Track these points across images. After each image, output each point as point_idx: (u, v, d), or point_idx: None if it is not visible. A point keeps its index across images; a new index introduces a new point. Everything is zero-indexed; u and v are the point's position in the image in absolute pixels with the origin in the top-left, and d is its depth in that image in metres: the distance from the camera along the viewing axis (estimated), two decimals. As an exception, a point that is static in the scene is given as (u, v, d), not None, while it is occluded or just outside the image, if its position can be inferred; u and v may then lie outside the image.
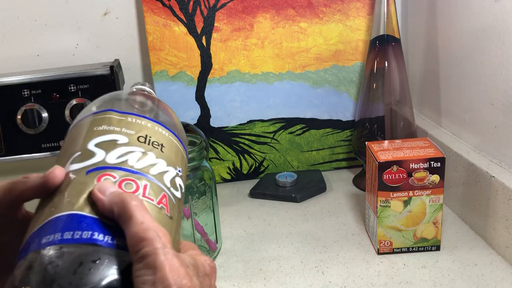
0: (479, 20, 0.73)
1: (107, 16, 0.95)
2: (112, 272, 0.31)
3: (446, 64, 0.84)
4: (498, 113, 0.70)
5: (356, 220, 0.80)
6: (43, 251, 0.31)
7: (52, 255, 0.30)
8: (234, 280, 0.66)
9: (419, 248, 0.69)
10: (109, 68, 0.86)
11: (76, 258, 0.30)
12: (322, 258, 0.70)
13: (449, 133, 0.85)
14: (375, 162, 0.67)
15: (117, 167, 0.36)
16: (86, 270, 0.30)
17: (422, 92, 0.95)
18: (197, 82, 0.92)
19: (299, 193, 0.87)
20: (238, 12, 0.90)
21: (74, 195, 0.34)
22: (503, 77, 0.68)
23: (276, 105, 0.94)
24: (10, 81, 0.84)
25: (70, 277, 0.30)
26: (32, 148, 0.87)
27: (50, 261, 0.30)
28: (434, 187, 0.66)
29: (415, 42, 0.96)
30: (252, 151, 0.96)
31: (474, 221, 0.73)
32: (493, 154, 0.72)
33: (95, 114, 0.40)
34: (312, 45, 0.92)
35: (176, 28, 0.90)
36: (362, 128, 0.90)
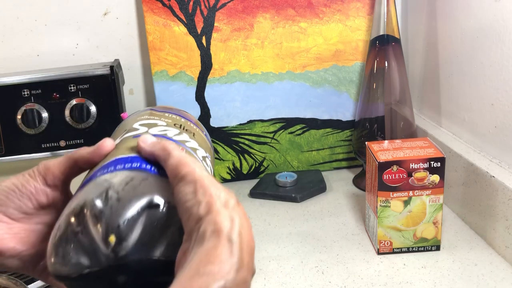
0: (479, 20, 0.73)
1: (107, 16, 0.95)
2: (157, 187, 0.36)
3: (446, 64, 0.84)
4: (498, 113, 0.70)
5: (356, 220, 0.80)
6: (100, 176, 0.37)
7: (107, 176, 0.37)
8: (234, 280, 0.66)
9: (419, 248, 0.69)
10: (109, 68, 0.86)
11: (128, 175, 0.37)
12: (322, 258, 0.70)
13: (449, 133, 0.85)
14: (375, 162, 0.67)
15: (159, 135, 0.43)
16: (136, 183, 0.36)
17: (422, 92, 0.95)
18: (197, 82, 0.92)
19: (299, 193, 0.87)
20: (238, 12, 0.90)
21: (123, 149, 0.41)
22: (503, 77, 0.68)
23: (276, 105, 0.94)
24: (10, 81, 0.84)
25: (123, 187, 0.35)
26: (32, 148, 0.87)
27: (105, 179, 0.37)
28: (434, 187, 0.66)
29: (415, 42, 0.96)
30: (252, 151, 0.96)
31: (474, 221, 0.73)
32: (493, 154, 0.72)
33: (138, 112, 0.49)
34: (312, 45, 0.92)
35: (176, 28, 0.90)
36: (362, 128, 0.90)
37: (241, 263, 0.32)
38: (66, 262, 0.34)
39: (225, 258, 0.31)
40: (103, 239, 0.34)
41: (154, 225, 0.35)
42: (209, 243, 0.32)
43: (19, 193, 0.41)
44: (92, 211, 0.35)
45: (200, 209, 0.34)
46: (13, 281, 0.57)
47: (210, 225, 0.33)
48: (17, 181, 0.42)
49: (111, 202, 0.35)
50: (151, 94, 1.00)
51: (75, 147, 0.88)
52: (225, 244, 0.32)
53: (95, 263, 0.34)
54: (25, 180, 0.42)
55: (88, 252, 0.34)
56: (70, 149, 0.88)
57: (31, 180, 0.42)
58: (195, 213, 0.34)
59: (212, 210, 0.33)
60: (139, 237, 0.34)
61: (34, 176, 0.42)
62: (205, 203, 0.34)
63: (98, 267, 0.34)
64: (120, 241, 0.34)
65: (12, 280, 0.57)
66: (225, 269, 0.31)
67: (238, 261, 0.32)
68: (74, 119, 0.86)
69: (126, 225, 0.34)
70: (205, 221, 0.33)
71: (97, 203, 0.35)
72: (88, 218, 0.34)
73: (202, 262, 0.31)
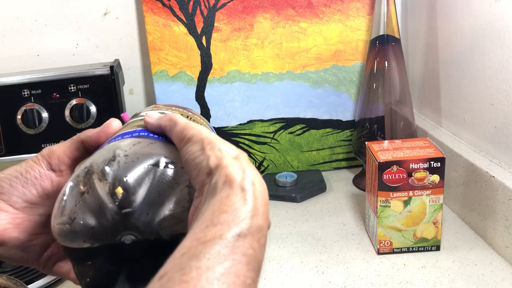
0: (479, 20, 0.73)
1: (107, 16, 0.95)
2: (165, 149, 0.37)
3: (446, 64, 0.84)
4: (498, 113, 0.70)
5: (356, 220, 0.80)
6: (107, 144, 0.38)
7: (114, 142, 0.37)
8: (234, 280, 0.66)
9: (419, 248, 0.69)
10: (109, 68, 0.86)
11: (135, 140, 0.37)
12: (322, 258, 0.70)
13: (449, 133, 0.85)
14: (375, 162, 0.67)
15: None
16: (144, 144, 0.36)
17: (422, 92, 0.95)
18: (197, 82, 0.92)
19: (299, 193, 0.87)
20: (238, 12, 0.90)
21: (130, 127, 0.41)
22: (503, 77, 0.68)
23: (276, 105, 0.94)
24: (10, 81, 0.84)
25: (131, 147, 0.36)
26: (32, 148, 0.87)
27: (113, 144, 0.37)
28: (434, 187, 0.66)
29: (415, 42, 0.96)
30: (252, 151, 0.96)
31: (474, 221, 0.73)
32: (493, 154, 0.72)
33: (143, 109, 0.49)
34: (312, 45, 0.92)
35: (176, 28, 0.90)
36: (362, 128, 0.90)
37: (255, 211, 0.32)
38: (72, 223, 0.34)
39: (239, 206, 0.31)
40: (110, 193, 0.33)
41: (161, 182, 0.35)
42: (221, 193, 0.32)
43: (23, 180, 0.40)
44: (98, 169, 0.34)
45: (210, 162, 0.33)
46: (13, 281, 0.57)
47: (222, 177, 0.32)
48: (20, 167, 0.41)
49: (119, 159, 0.35)
50: (151, 94, 1.00)
51: (75, 147, 0.88)
52: (238, 192, 0.32)
53: (101, 220, 0.33)
54: (29, 166, 0.41)
55: (93, 208, 0.33)
56: (70, 149, 0.88)
57: (35, 165, 0.41)
58: (205, 167, 0.33)
59: (222, 162, 0.33)
60: (147, 192, 0.34)
61: (38, 161, 0.41)
62: (215, 157, 0.33)
63: (105, 224, 0.33)
64: (127, 193, 0.33)
65: (12, 280, 0.57)
66: (239, 217, 0.30)
67: (252, 209, 0.31)
68: (74, 119, 0.86)
69: (133, 179, 0.34)
70: (216, 173, 0.33)
71: (103, 161, 0.35)
72: (94, 176, 0.34)
73: (215, 212, 0.31)
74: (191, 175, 0.35)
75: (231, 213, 0.30)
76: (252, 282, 0.29)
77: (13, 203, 0.40)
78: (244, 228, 0.30)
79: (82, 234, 0.34)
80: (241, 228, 0.30)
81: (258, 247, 0.31)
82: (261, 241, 0.31)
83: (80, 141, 0.42)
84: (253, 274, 0.29)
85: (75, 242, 0.34)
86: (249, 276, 0.29)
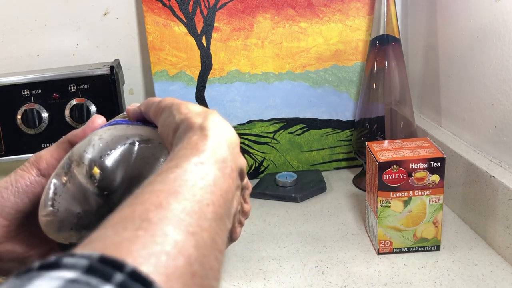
0: (479, 20, 0.73)
1: (107, 16, 0.95)
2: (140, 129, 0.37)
3: (446, 64, 0.84)
4: (498, 113, 0.70)
5: (356, 220, 0.80)
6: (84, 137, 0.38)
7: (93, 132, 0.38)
8: (234, 280, 0.66)
9: (419, 248, 0.69)
10: (109, 68, 0.86)
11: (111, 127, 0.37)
12: (322, 258, 0.70)
13: (449, 133, 0.85)
14: (375, 162, 0.67)
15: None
16: (119, 128, 0.37)
17: (422, 92, 0.95)
18: (197, 82, 0.92)
19: (299, 193, 0.87)
20: (238, 12, 0.90)
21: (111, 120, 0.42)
22: (503, 77, 0.68)
23: (276, 105, 0.94)
24: (10, 81, 0.84)
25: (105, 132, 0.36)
26: (32, 148, 0.87)
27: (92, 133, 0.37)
28: (434, 187, 0.66)
29: (415, 42, 0.96)
30: (252, 151, 0.96)
31: (474, 221, 0.73)
32: (493, 154, 0.72)
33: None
34: (312, 45, 0.92)
35: (176, 28, 0.90)
36: (362, 128, 0.90)
37: (217, 145, 0.31)
38: (57, 212, 0.33)
39: (198, 141, 0.31)
40: (88, 175, 0.33)
41: (139, 159, 0.35)
42: (183, 138, 0.32)
43: (14, 190, 0.39)
44: (76, 156, 0.34)
45: (176, 119, 0.34)
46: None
47: (184, 126, 0.33)
48: (9, 178, 0.40)
49: (93, 142, 0.35)
50: (151, 94, 1.00)
51: (75, 147, 0.88)
52: (198, 132, 0.32)
53: (85, 205, 0.33)
54: (19, 175, 0.40)
55: (76, 195, 0.33)
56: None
57: (25, 174, 0.40)
58: (172, 124, 0.34)
59: (186, 117, 0.34)
60: (126, 170, 0.34)
61: (27, 169, 0.40)
62: (180, 113, 0.34)
63: (89, 209, 0.33)
64: (105, 173, 0.33)
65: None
66: (198, 149, 0.30)
67: (213, 143, 0.31)
68: (74, 119, 0.86)
69: (110, 158, 0.34)
70: (181, 126, 0.33)
71: (81, 149, 0.35)
72: (73, 164, 0.34)
73: (176, 151, 0.31)
74: (165, 140, 0.35)
75: (190, 149, 0.30)
76: (211, 203, 0.28)
77: (6, 215, 0.39)
78: (203, 158, 0.30)
79: (68, 222, 0.34)
80: (200, 158, 0.30)
81: (221, 175, 0.30)
82: (225, 170, 0.31)
83: (67, 141, 0.41)
84: (213, 197, 0.29)
85: (62, 232, 0.34)
86: (208, 197, 0.28)
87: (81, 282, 0.21)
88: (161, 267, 0.23)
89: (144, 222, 0.25)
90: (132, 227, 0.25)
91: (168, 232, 0.25)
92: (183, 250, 0.25)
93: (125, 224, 0.25)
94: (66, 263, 0.22)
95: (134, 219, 0.25)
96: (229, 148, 0.32)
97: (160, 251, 0.24)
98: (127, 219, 0.25)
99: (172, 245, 0.25)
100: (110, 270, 0.22)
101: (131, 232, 0.24)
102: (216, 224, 0.28)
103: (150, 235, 0.24)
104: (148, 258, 0.23)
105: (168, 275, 0.23)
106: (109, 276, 0.21)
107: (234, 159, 0.32)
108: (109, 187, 0.33)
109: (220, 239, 0.28)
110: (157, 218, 0.25)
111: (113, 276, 0.21)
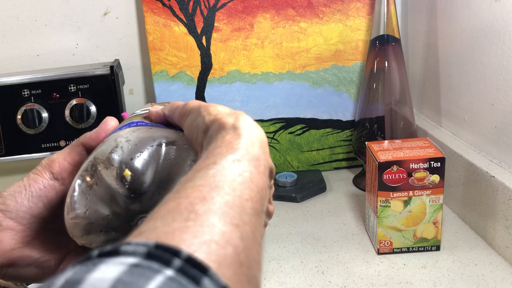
0: (479, 20, 0.73)
1: (107, 16, 0.95)
2: (165, 131, 0.37)
3: (446, 64, 0.84)
4: (498, 113, 0.70)
5: (356, 220, 0.80)
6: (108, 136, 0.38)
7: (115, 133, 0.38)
8: (234, 280, 0.66)
9: (419, 248, 0.69)
10: (109, 68, 0.86)
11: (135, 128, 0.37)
12: (322, 258, 0.70)
13: (449, 133, 0.85)
14: (375, 162, 0.67)
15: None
16: (144, 130, 0.37)
17: (422, 92, 0.95)
18: (197, 82, 0.92)
19: (299, 193, 0.87)
20: (238, 12, 0.90)
21: (126, 121, 0.41)
22: (503, 77, 0.68)
23: (276, 105, 0.94)
24: (10, 81, 0.84)
25: (131, 133, 0.36)
26: (32, 148, 0.87)
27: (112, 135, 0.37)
28: (434, 187, 0.66)
29: (415, 42, 0.96)
30: (252, 151, 0.96)
31: (474, 221, 0.73)
32: (493, 154, 0.72)
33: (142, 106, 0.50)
34: (312, 45, 0.92)
35: (176, 28, 0.90)
36: (362, 128, 0.90)
37: (251, 143, 0.32)
38: (85, 215, 0.33)
39: (232, 140, 0.31)
40: (119, 177, 0.33)
41: (167, 160, 0.35)
42: (216, 137, 0.32)
43: (28, 194, 0.39)
44: (103, 158, 0.34)
45: (206, 120, 0.34)
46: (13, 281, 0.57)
47: (215, 126, 0.33)
48: (22, 182, 0.40)
49: (121, 145, 0.35)
50: (151, 94, 1.00)
51: (75, 147, 0.88)
52: (231, 131, 0.32)
53: (115, 207, 0.33)
54: (32, 178, 0.40)
55: (104, 197, 0.33)
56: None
57: (38, 177, 0.40)
58: (201, 126, 0.34)
59: (217, 117, 0.34)
60: (155, 172, 0.34)
61: (40, 172, 0.40)
62: (209, 114, 0.34)
63: (119, 211, 0.33)
64: (135, 175, 0.33)
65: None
66: (233, 148, 0.31)
67: (246, 141, 0.32)
68: (74, 119, 0.86)
69: (140, 160, 0.34)
70: (211, 127, 0.34)
71: (106, 151, 0.35)
72: (100, 166, 0.34)
73: (210, 151, 0.31)
74: (193, 142, 0.35)
75: (225, 147, 0.31)
76: (250, 199, 0.29)
77: (20, 220, 0.39)
78: (239, 155, 0.30)
79: (98, 224, 0.33)
80: (236, 155, 0.30)
81: (256, 173, 0.31)
82: (259, 168, 0.31)
83: (79, 144, 0.41)
84: (251, 193, 0.29)
85: (92, 235, 0.34)
86: (246, 193, 0.29)
87: (144, 266, 0.22)
88: (212, 254, 0.24)
89: (192, 214, 0.26)
90: (180, 218, 0.26)
91: (214, 223, 0.26)
92: (231, 240, 0.26)
93: (174, 215, 0.26)
94: (125, 250, 0.23)
95: (181, 211, 0.26)
96: (261, 147, 0.33)
97: (210, 240, 0.25)
98: (174, 211, 0.26)
99: (220, 235, 0.25)
100: (168, 256, 0.22)
101: (181, 223, 0.25)
102: (255, 219, 0.29)
103: (199, 225, 0.25)
104: (200, 246, 0.24)
105: (220, 262, 0.24)
106: (168, 261, 0.22)
107: (266, 157, 0.33)
108: (139, 189, 0.33)
109: (259, 234, 0.29)
110: (203, 210, 0.26)
111: (172, 261, 0.22)
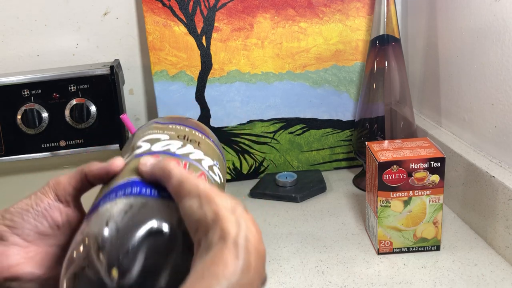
0: (479, 20, 0.73)
1: (107, 16, 0.95)
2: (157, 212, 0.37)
3: (446, 64, 0.84)
4: (498, 113, 0.70)
5: (356, 220, 0.80)
6: (103, 206, 0.38)
7: (108, 206, 0.37)
8: (234, 280, 0.66)
9: (419, 248, 0.69)
10: (109, 68, 0.86)
11: (127, 203, 0.37)
12: (322, 258, 0.70)
13: (449, 133, 0.85)
14: (375, 162, 0.67)
15: (161, 151, 0.44)
16: (135, 211, 0.36)
17: (422, 92, 0.95)
18: (197, 82, 0.92)
19: (299, 193, 0.87)
20: (238, 12, 0.90)
21: (127, 171, 0.41)
22: (503, 77, 0.68)
23: (276, 105, 0.94)
24: (10, 81, 0.84)
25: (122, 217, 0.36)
26: (32, 148, 0.87)
27: (107, 209, 0.37)
28: (434, 187, 0.66)
29: (415, 42, 0.96)
30: (252, 151, 0.96)
31: (474, 221, 0.73)
32: (493, 154, 0.72)
33: (145, 125, 0.50)
34: (312, 45, 0.92)
35: (176, 28, 0.90)
36: (362, 128, 0.90)
37: (247, 266, 0.32)
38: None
39: (230, 260, 0.32)
40: (107, 273, 0.34)
41: (155, 252, 0.35)
42: (216, 248, 0.32)
43: (34, 212, 0.41)
44: (94, 245, 0.35)
45: (208, 218, 0.34)
46: None
47: (217, 231, 0.33)
48: (30, 200, 0.42)
49: (111, 234, 0.35)
50: (151, 94, 1.00)
51: (75, 147, 0.88)
52: (231, 247, 0.32)
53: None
54: (39, 198, 0.42)
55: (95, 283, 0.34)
56: (70, 149, 0.88)
57: (44, 197, 0.42)
58: (203, 223, 0.34)
59: (219, 217, 0.34)
60: (142, 266, 0.34)
61: (46, 193, 0.42)
62: (212, 212, 0.34)
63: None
64: (123, 273, 0.34)
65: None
66: (229, 271, 0.31)
67: (243, 264, 0.32)
68: (74, 119, 0.86)
69: (127, 257, 0.34)
70: (212, 228, 0.33)
71: (98, 236, 0.35)
72: (92, 251, 0.35)
73: (206, 265, 0.31)
74: (190, 231, 0.35)
75: (221, 267, 0.31)
76: None
77: (25, 236, 0.41)
78: (232, 282, 0.31)
79: None
80: (230, 282, 0.31)
81: None
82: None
83: (83, 174, 0.42)
84: None
85: None
86: None
87: None
88: None
89: None
90: None
91: None
92: None
93: None
94: None
95: None
96: (257, 268, 0.33)
97: None
98: None
99: None
100: None
101: None
102: None
103: None
104: None
105: None
106: None
107: (260, 275, 0.34)
108: (126, 283, 0.34)
109: None
110: None
111: None
